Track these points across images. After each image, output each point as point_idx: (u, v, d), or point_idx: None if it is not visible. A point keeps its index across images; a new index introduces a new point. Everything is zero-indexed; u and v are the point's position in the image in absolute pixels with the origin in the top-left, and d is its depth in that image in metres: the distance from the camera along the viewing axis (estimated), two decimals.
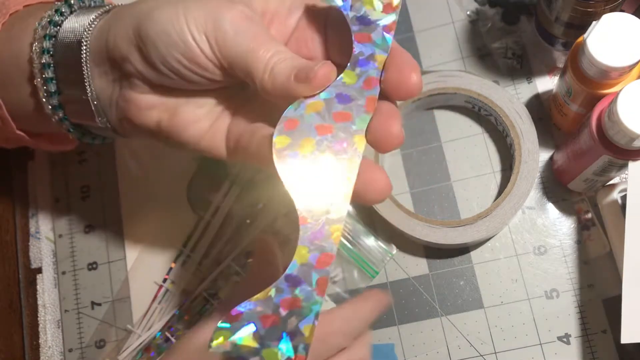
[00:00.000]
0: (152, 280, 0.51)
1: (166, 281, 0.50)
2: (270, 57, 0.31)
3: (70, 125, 0.39)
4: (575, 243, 0.47)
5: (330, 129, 0.32)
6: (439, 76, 0.49)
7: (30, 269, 0.53)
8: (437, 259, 0.48)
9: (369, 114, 0.32)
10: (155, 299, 0.50)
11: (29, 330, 0.52)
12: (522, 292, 0.46)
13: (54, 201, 0.54)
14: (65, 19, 0.37)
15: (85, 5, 0.39)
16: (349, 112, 0.32)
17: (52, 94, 0.37)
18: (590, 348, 0.45)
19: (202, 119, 0.35)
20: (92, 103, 0.37)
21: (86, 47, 0.35)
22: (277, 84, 0.31)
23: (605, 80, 0.40)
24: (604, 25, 0.38)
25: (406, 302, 0.48)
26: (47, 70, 0.37)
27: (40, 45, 0.37)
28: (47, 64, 0.37)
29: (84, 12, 0.37)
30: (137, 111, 0.35)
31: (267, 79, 0.31)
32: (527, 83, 0.50)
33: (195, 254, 0.50)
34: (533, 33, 0.51)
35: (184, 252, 0.50)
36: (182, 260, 0.50)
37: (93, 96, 0.36)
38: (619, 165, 0.40)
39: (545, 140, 0.49)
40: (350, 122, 0.32)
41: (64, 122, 0.39)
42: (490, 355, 0.46)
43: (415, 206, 0.49)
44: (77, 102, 0.37)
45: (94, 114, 0.37)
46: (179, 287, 0.50)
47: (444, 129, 0.51)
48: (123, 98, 0.35)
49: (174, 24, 0.31)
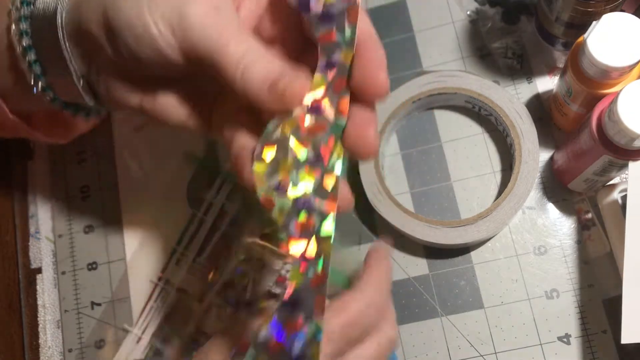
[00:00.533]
0: (151, 280, 0.51)
1: (161, 279, 0.50)
2: (242, 55, 0.30)
3: (62, 104, 0.38)
4: (576, 243, 0.47)
5: (307, 145, 0.31)
6: (439, 76, 0.49)
7: (30, 269, 0.53)
8: (437, 259, 0.48)
9: (342, 119, 0.31)
10: (150, 298, 0.50)
11: (28, 330, 0.52)
12: (522, 292, 0.46)
13: (54, 201, 0.54)
14: None
15: None
16: (323, 122, 0.31)
17: (39, 76, 0.36)
18: (590, 348, 0.45)
19: (182, 103, 0.34)
20: (77, 83, 0.35)
21: (62, 27, 0.34)
22: (251, 90, 0.30)
23: (605, 80, 0.40)
24: (604, 25, 0.38)
25: (406, 302, 0.48)
26: (29, 53, 0.35)
27: (17, 29, 0.35)
28: (29, 46, 0.35)
29: None
30: (118, 95, 0.34)
31: (239, 81, 0.30)
32: (527, 83, 0.50)
33: (190, 251, 0.50)
34: (533, 33, 0.51)
35: (177, 250, 0.50)
36: (177, 259, 0.50)
37: (77, 76, 0.35)
38: (619, 165, 0.40)
39: (546, 140, 0.49)
40: (325, 133, 0.31)
41: (55, 102, 0.38)
42: (491, 356, 0.46)
43: (415, 206, 0.49)
44: (64, 81, 0.36)
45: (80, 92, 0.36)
46: (173, 285, 0.50)
47: (444, 129, 0.51)
48: (103, 81, 0.35)
49: (139, 17, 0.30)
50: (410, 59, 0.52)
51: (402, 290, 0.48)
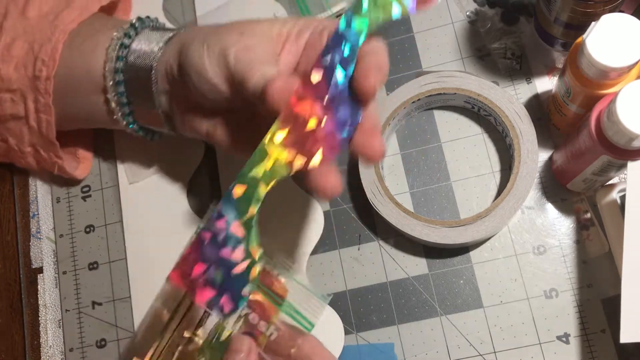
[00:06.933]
0: (152, 280, 0.51)
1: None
2: (260, 76, 0.36)
3: (138, 128, 0.48)
4: (575, 243, 0.47)
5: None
6: (439, 77, 0.49)
7: (31, 269, 0.53)
8: (437, 258, 0.48)
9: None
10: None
11: (29, 329, 0.52)
12: (521, 291, 0.47)
13: (55, 201, 0.55)
14: (132, 40, 0.44)
15: (147, 25, 0.46)
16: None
17: (123, 105, 0.45)
18: (589, 347, 0.45)
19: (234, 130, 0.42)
20: (160, 115, 0.45)
21: (154, 72, 0.43)
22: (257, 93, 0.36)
23: (604, 80, 0.40)
24: (603, 25, 0.38)
25: (406, 301, 0.48)
26: (120, 86, 0.44)
27: (112, 65, 0.44)
28: (120, 81, 0.44)
29: (148, 37, 0.44)
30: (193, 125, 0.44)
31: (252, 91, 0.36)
32: (526, 83, 0.50)
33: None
34: (532, 33, 0.51)
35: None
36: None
37: (160, 109, 0.44)
38: (618, 165, 0.40)
39: (545, 140, 0.49)
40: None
41: (132, 125, 0.47)
42: (490, 355, 0.46)
43: (415, 206, 0.50)
44: (147, 112, 0.45)
45: (161, 121, 0.45)
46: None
47: (444, 129, 0.51)
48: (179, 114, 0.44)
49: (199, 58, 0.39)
50: (409, 60, 0.53)
51: (401, 289, 0.48)
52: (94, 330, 0.51)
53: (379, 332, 0.48)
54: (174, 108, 0.44)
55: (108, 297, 0.51)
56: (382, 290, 0.48)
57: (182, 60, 0.40)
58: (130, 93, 0.45)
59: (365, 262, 0.49)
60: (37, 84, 0.45)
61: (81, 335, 0.51)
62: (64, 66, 0.45)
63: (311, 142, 0.35)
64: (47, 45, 0.45)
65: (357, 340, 0.48)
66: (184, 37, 0.42)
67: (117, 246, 0.52)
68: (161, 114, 0.45)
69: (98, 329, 0.51)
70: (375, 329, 0.48)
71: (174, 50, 0.42)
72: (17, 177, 0.56)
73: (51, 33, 0.45)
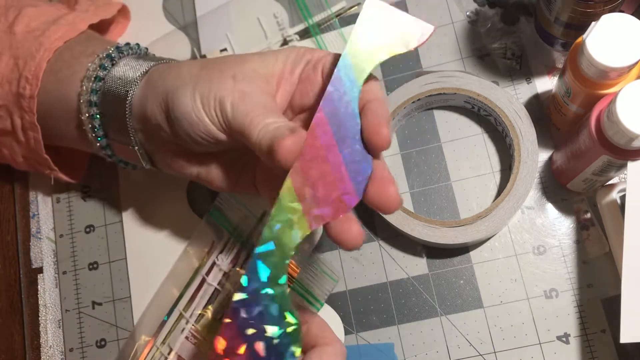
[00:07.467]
0: (152, 280, 0.51)
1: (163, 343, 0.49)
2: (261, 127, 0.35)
3: (119, 160, 0.46)
4: (575, 243, 0.47)
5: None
6: (439, 76, 0.49)
7: (31, 269, 0.53)
8: (437, 258, 0.48)
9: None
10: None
11: (29, 330, 0.52)
12: (521, 291, 0.47)
13: (55, 201, 0.55)
14: (107, 72, 0.42)
15: (125, 54, 0.44)
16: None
17: (100, 137, 0.44)
18: (589, 348, 0.45)
19: (230, 171, 0.42)
20: (137, 152, 0.43)
21: (129, 109, 0.41)
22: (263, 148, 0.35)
23: (604, 80, 0.40)
24: (603, 25, 0.38)
25: (406, 301, 0.48)
26: (94, 120, 0.43)
27: (87, 98, 0.43)
28: (94, 115, 0.43)
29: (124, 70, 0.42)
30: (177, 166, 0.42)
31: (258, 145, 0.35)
32: (526, 83, 0.50)
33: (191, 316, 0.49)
34: (532, 33, 0.51)
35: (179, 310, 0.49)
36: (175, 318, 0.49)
37: (138, 146, 0.43)
38: (618, 165, 0.40)
39: (545, 140, 0.49)
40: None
41: (111, 157, 0.46)
42: (490, 355, 0.46)
43: (415, 206, 0.50)
44: (125, 147, 0.43)
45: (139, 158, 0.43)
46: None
47: (444, 129, 0.51)
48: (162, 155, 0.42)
49: (193, 109, 0.38)
50: (409, 59, 0.53)
51: (401, 289, 0.48)
52: (94, 330, 0.51)
53: (379, 332, 0.48)
54: (154, 149, 0.43)
55: (108, 297, 0.51)
56: (382, 290, 0.48)
57: (171, 110, 0.38)
58: (106, 126, 0.43)
59: (366, 262, 0.49)
60: (21, 101, 0.44)
61: (81, 335, 0.51)
62: (44, 91, 0.44)
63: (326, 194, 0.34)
64: (32, 63, 0.44)
65: (357, 340, 0.48)
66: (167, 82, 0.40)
67: (117, 246, 0.52)
68: (138, 152, 0.43)
69: (98, 329, 0.51)
70: (375, 329, 0.48)
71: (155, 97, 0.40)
72: (17, 177, 0.56)
73: (36, 50, 0.44)
